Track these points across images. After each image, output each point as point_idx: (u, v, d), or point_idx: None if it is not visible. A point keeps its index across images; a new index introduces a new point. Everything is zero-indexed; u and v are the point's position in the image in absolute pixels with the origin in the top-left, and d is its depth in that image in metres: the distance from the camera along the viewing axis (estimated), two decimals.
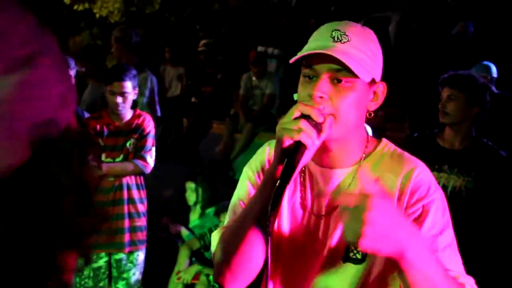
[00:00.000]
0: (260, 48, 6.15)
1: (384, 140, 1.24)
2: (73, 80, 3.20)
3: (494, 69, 4.13)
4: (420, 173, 1.15)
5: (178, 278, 3.46)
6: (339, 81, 1.09)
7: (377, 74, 1.15)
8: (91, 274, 3.06)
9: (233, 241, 1.16)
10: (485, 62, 4.17)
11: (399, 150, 1.22)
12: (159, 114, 4.31)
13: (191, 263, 3.53)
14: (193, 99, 6.22)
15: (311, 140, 1.04)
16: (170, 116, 5.83)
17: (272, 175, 1.06)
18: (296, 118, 1.05)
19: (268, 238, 1.01)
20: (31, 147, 0.37)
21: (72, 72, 3.26)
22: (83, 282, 3.06)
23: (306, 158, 1.08)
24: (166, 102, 6.22)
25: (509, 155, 2.66)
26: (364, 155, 1.19)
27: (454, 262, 1.11)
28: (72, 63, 3.29)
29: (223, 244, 1.20)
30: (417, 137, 2.74)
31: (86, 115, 3.34)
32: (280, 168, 1.04)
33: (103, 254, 3.06)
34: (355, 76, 1.07)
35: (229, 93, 6.07)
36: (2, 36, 0.38)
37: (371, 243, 0.91)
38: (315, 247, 1.19)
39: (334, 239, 1.17)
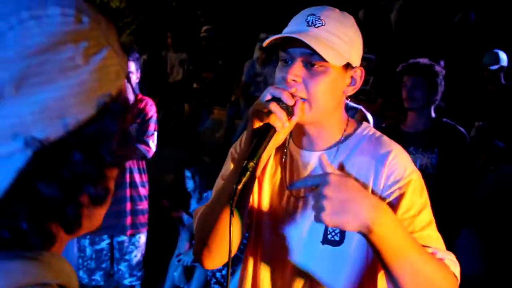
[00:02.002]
0: (262, 35, 6.16)
1: (364, 123, 1.25)
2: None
3: (504, 58, 4.14)
4: (396, 156, 1.15)
5: (178, 260, 3.52)
6: (312, 65, 1.10)
7: (354, 59, 1.14)
8: (94, 256, 3.12)
9: (208, 220, 1.19)
10: (496, 50, 4.17)
11: (378, 133, 1.23)
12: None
13: (191, 246, 3.59)
14: (194, 85, 6.25)
15: (281, 123, 1.06)
16: (172, 101, 5.86)
17: (243, 156, 1.08)
18: (267, 101, 1.07)
19: (230, 216, 1.02)
20: (97, 109, 0.55)
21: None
22: (85, 263, 3.12)
23: (277, 140, 1.11)
24: (168, 87, 6.25)
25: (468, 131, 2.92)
26: (342, 138, 1.21)
27: (434, 240, 1.11)
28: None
29: (199, 222, 1.23)
30: (385, 127, 3.03)
31: None
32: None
33: (105, 236, 3.11)
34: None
35: (231, 79, 6.09)
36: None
37: (333, 217, 0.95)
38: (295, 229, 1.21)
39: (312, 220, 1.13)
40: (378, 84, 5.01)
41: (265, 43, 1.14)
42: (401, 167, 1.14)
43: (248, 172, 1.02)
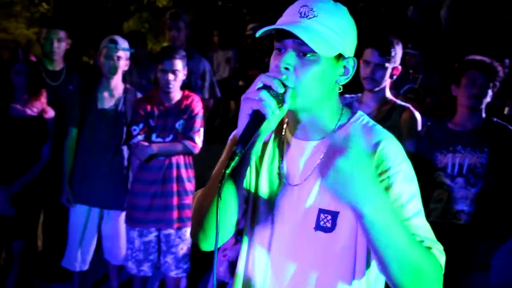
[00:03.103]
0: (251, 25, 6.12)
1: (359, 113, 1.27)
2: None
3: None
4: (386, 145, 1.17)
5: (224, 256, 3.57)
6: (304, 54, 1.13)
7: (347, 49, 1.18)
8: (142, 247, 3.21)
9: (203, 203, 1.24)
10: None
11: (372, 123, 1.25)
12: (219, 95, 4.45)
13: (237, 242, 3.63)
14: (240, 83, 6.29)
15: (270, 110, 1.08)
16: (218, 99, 5.93)
17: (234, 142, 1.13)
18: (258, 89, 1.10)
19: (217, 199, 1.09)
20: None
21: (126, 54, 3.38)
22: (134, 255, 3.22)
23: (268, 127, 1.13)
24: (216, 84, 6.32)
25: None
26: (336, 127, 1.23)
27: (422, 229, 1.13)
28: (125, 44, 3.41)
29: (196, 206, 1.28)
30: (430, 125, 2.92)
31: (139, 95, 3.46)
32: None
33: (153, 229, 3.20)
34: None
35: None
36: None
37: (331, 185, 0.99)
38: (289, 215, 1.24)
39: (306, 208, 1.22)
40: (427, 83, 4.91)
41: (258, 34, 1.17)
42: (390, 156, 1.16)
43: (237, 157, 1.07)
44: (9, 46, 9.67)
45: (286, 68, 1.13)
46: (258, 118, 1.09)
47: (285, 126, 1.30)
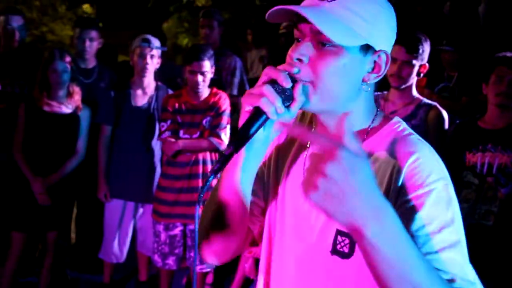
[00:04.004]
0: None
1: (396, 118, 1.06)
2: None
3: None
4: (420, 158, 0.96)
5: (249, 252, 3.59)
6: (323, 44, 0.94)
7: (377, 40, 0.97)
8: (168, 241, 3.27)
9: (207, 209, 1.09)
10: None
11: (408, 131, 1.04)
12: None
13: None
14: None
15: (273, 107, 0.91)
16: None
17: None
18: (264, 83, 0.93)
19: (197, 204, 0.94)
20: None
21: (158, 52, 3.46)
22: (160, 248, 3.29)
23: (275, 129, 0.97)
24: (248, 82, 6.35)
25: None
26: (366, 133, 1.03)
27: (455, 265, 0.90)
28: (157, 42, 3.49)
29: (202, 212, 1.12)
30: (459, 123, 2.84)
31: (171, 92, 3.54)
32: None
33: (178, 223, 3.26)
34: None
35: None
36: None
37: (321, 199, 0.76)
38: (306, 233, 1.06)
39: (324, 227, 1.03)
40: (463, 81, 4.78)
41: (267, 15, 0.99)
42: (424, 171, 0.94)
43: (226, 160, 0.92)
44: (55, 46, 10.03)
45: (300, 60, 0.95)
46: (258, 116, 0.93)
47: (314, 131, 1.09)
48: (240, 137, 0.93)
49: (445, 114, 2.78)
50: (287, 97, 0.94)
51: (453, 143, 2.78)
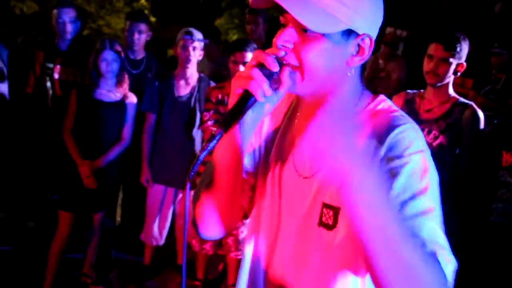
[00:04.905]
0: (389, 30, 6.05)
1: (381, 96, 1.12)
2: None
3: None
4: (403, 131, 1.01)
5: None
6: (305, 30, 0.98)
7: (360, 25, 1.00)
8: None
9: (199, 187, 1.19)
10: None
11: (394, 108, 1.09)
12: None
13: None
14: None
15: (261, 90, 0.96)
16: None
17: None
18: (252, 66, 0.98)
19: (187, 188, 1.00)
20: None
21: (200, 44, 3.61)
22: None
23: (262, 110, 1.03)
24: None
25: None
26: (353, 113, 1.08)
27: (429, 231, 0.94)
28: (200, 35, 3.64)
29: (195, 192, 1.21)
30: (497, 123, 2.84)
31: (212, 84, 3.68)
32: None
33: None
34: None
35: None
36: None
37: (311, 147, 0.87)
38: (296, 208, 1.13)
39: (312, 201, 1.10)
40: (511, 84, 4.67)
41: (251, 1, 1.04)
42: (403, 143, 0.99)
43: (215, 140, 0.98)
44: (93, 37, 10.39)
45: (284, 46, 1.00)
46: (246, 98, 0.97)
47: (298, 114, 1.17)
48: (230, 118, 0.98)
49: (480, 113, 2.77)
50: (275, 80, 0.98)
51: (490, 143, 2.78)
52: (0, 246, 4.06)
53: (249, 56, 3.26)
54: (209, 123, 3.35)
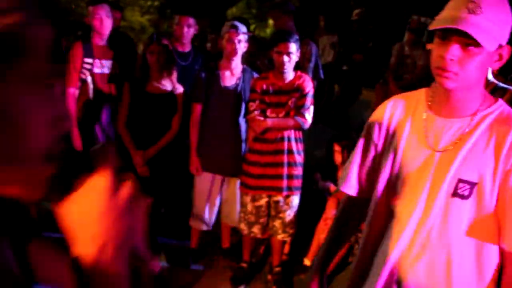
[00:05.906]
0: (413, 17, 6.15)
1: (501, 101, 1.43)
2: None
3: None
4: None
5: (325, 224, 3.86)
6: (468, 45, 1.29)
7: (504, 40, 1.32)
8: (254, 211, 3.59)
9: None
10: None
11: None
12: (322, 76, 4.73)
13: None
14: (344, 67, 6.48)
15: None
16: (323, 82, 6.18)
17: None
18: None
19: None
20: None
21: (245, 37, 3.76)
22: (246, 217, 3.62)
23: None
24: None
25: None
26: (479, 110, 1.40)
27: None
28: (244, 28, 3.79)
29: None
30: None
31: (255, 75, 3.83)
32: None
33: (264, 195, 3.57)
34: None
35: (379, 61, 6.22)
36: None
37: None
38: (429, 180, 1.41)
39: (446, 176, 1.38)
40: None
41: (430, 27, 1.34)
42: None
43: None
44: (125, 31, 10.53)
45: (452, 60, 1.30)
46: None
47: (426, 105, 1.50)
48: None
49: None
50: None
51: None
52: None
53: (292, 46, 3.40)
54: (256, 112, 3.50)
